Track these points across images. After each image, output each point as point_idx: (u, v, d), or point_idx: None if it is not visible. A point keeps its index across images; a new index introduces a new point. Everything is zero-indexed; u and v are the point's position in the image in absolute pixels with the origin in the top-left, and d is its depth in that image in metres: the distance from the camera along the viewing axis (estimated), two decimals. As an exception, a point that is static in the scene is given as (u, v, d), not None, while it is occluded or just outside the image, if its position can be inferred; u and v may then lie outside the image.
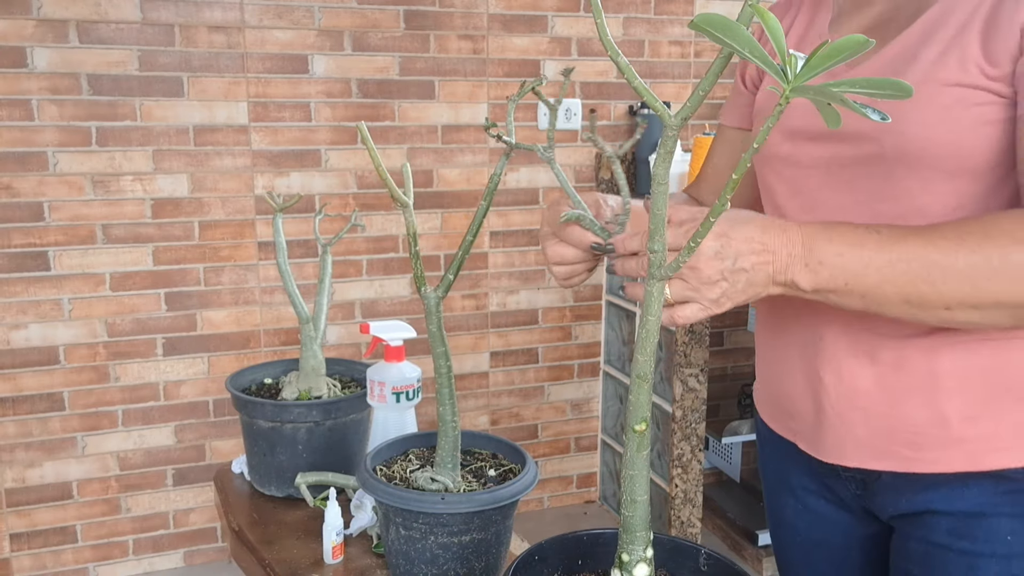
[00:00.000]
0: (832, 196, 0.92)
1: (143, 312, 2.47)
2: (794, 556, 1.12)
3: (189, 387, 2.55)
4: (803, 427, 0.99)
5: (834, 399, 0.93)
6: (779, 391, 1.03)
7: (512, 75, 2.67)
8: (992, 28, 0.80)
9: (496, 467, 1.19)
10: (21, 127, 2.29)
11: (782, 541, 1.14)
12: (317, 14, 2.46)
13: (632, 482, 0.79)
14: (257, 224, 2.53)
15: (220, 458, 2.60)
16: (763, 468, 1.17)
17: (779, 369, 1.03)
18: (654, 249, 0.71)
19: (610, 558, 0.87)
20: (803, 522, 1.08)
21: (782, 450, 1.07)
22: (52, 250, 2.37)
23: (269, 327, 2.59)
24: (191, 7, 2.36)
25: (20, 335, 2.38)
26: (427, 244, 2.69)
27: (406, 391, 1.36)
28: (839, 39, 0.55)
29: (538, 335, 2.89)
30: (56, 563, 2.52)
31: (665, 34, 2.81)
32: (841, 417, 0.93)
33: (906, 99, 0.55)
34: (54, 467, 2.47)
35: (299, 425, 1.41)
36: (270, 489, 1.46)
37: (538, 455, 2.97)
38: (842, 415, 0.93)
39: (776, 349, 1.04)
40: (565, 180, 0.97)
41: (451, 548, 1.08)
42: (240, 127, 2.46)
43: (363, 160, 2.59)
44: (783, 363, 1.02)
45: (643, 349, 0.74)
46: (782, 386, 1.02)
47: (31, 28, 2.25)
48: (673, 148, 0.66)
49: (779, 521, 1.13)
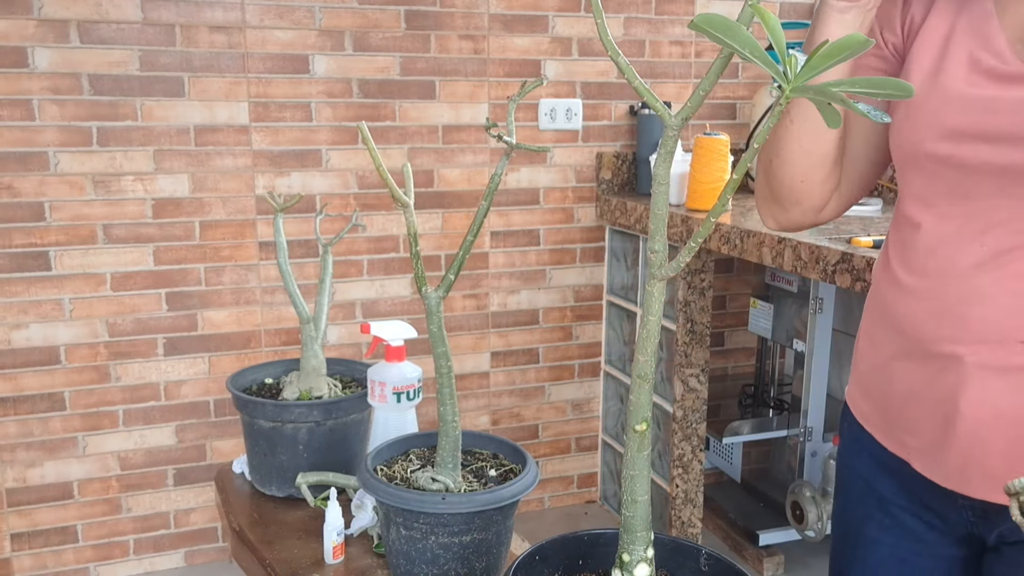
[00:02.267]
0: (1008, 203, 0.85)
1: (144, 312, 2.47)
2: (859, 564, 1.06)
3: (190, 387, 2.56)
4: (922, 446, 0.93)
5: (970, 426, 0.86)
6: (893, 405, 0.97)
7: (513, 75, 2.67)
8: None
9: (497, 467, 1.19)
10: (22, 127, 2.29)
11: (852, 553, 1.07)
12: (318, 14, 2.47)
13: (633, 482, 0.79)
14: (258, 224, 2.53)
15: (221, 458, 2.60)
16: (845, 471, 1.09)
17: (895, 383, 0.96)
18: (654, 249, 0.71)
19: (611, 558, 0.87)
20: (890, 537, 1.02)
21: (880, 460, 1.01)
22: (53, 250, 2.37)
23: (270, 327, 2.60)
24: (192, 7, 2.36)
25: (21, 335, 2.38)
26: (428, 244, 2.69)
27: (407, 391, 1.36)
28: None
29: (539, 335, 2.89)
30: (57, 563, 2.52)
31: (666, 34, 2.81)
32: (974, 446, 0.87)
33: (909, 99, 0.55)
34: (55, 467, 2.47)
35: (300, 425, 1.41)
36: (271, 489, 1.46)
37: (539, 455, 2.97)
38: (976, 444, 0.87)
39: (892, 361, 0.97)
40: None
41: (452, 548, 1.08)
42: (241, 127, 2.46)
43: (364, 160, 2.59)
44: (902, 378, 0.95)
45: (644, 349, 0.74)
46: (899, 401, 0.96)
47: (32, 28, 2.25)
48: (674, 148, 0.66)
49: (856, 532, 1.06)
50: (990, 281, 0.85)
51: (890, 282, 0.97)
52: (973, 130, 0.85)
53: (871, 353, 1.01)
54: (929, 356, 0.90)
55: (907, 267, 0.94)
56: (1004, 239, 0.85)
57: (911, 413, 0.94)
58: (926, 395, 0.91)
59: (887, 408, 0.98)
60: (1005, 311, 0.84)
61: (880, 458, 1.00)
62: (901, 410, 0.95)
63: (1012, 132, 0.82)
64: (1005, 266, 0.85)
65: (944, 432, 0.89)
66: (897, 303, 0.95)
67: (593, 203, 2.85)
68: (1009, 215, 0.85)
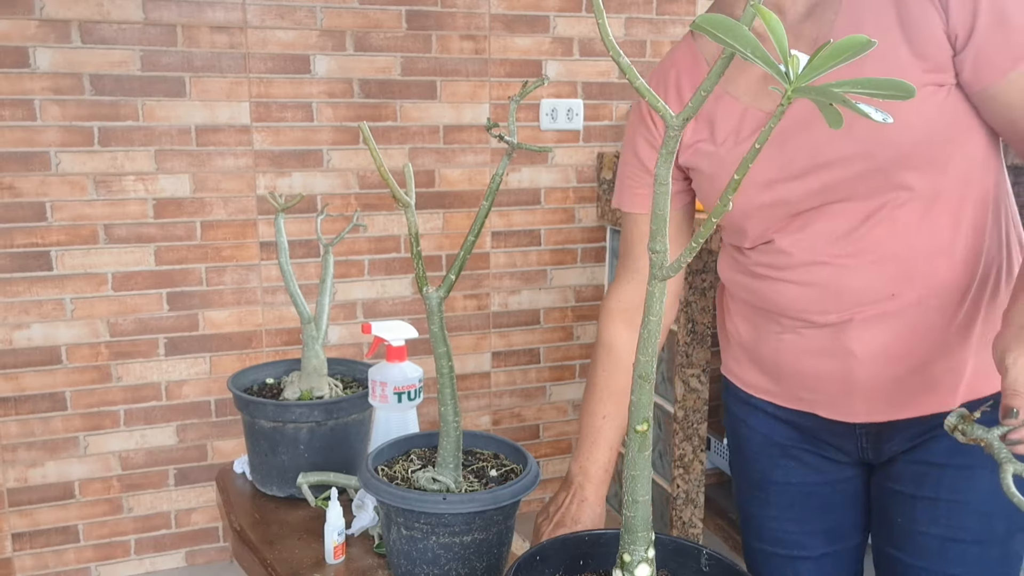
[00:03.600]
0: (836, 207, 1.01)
1: (145, 312, 2.47)
2: (774, 507, 1.22)
3: (191, 387, 2.56)
4: (827, 397, 1.09)
5: (867, 367, 1.04)
6: (787, 372, 1.12)
7: (514, 75, 2.67)
8: (912, 31, 0.93)
9: (498, 467, 1.19)
10: (24, 127, 2.29)
11: (764, 497, 1.23)
12: (319, 14, 2.47)
13: (634, 482, 0.79)
14: (259, 224, 2.53)
15: (222, 458, 2.60)
16: (742, 430, 1.25)
17: (786, 353, 1.11)
18: (655, 249, 0.71)
19: (612, 558, 0.87)
20: (795, 477, 1.19)
21: (775, 416, 1.18)
22: (54, 250, 2.37)
23: (271, 327, 2.60)
24: (193, 7, 2.36)
25: (22, 335, 2.38)
26: (429, 244, 2.69)
27: (408, 391, 1.36)
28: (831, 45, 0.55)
29: (540, 335, 2.89)
30: (58, 563, 2.52)
31: (667, 34, 2.81)
32: (872, 382, 1.04)
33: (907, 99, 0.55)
34: (56, 467, 2.47)
35: (301, 425, 1.41)
36: (272, 489, 1.46)
37: (540, 455, 2.97)
38: (873, 380, 1.04)
39: (780, 336, 1.12)
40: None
41: (453, 548, 1.08)
42: (242, 127, 2.47)
43: (365, 160, 2.59)
44: (793, 348, 1.10)
45: (645, 349, 0.75)
46: (794, 366, 1.11)
47: (33, 28, 2.25)
48: (675, 148, 0.66)
49: (764, 479, 1.22)
50: (851, 262, 1.01)
51: (754, 276, 1.12)
52: (786, 174, 1.01)
53: (753, 334, 1.16)
54: (816, 326, 1.06)
55: (769, 266, 1.08)
56: (848, 224, 1.01)
57: (810, 372, 1.09)
58: (822, 355, 1.07)
59: (780, 375, 1.14)
60: (870, 280, 1.01)
61: (775, 415, 1.18)
62: (798, 373, 1.11)
63: (817, 161, 0.99)
64: (857, 242, 1.00)
65: (846, 379, 1.06)
66: (771, 291, 1.09)
67: (594, 203, 2.85)
68: (842, 211, 1.01)
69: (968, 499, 1.05)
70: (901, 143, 0.95)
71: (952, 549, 1.06)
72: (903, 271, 1.00)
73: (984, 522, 1.04)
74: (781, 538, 1.23)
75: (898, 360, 1.03)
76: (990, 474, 1.00)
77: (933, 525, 1.07)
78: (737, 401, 1.24)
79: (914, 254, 1.00)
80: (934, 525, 1.07)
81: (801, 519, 1.21)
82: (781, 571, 1.24)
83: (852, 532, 1.21)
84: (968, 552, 1.05)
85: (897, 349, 1.03)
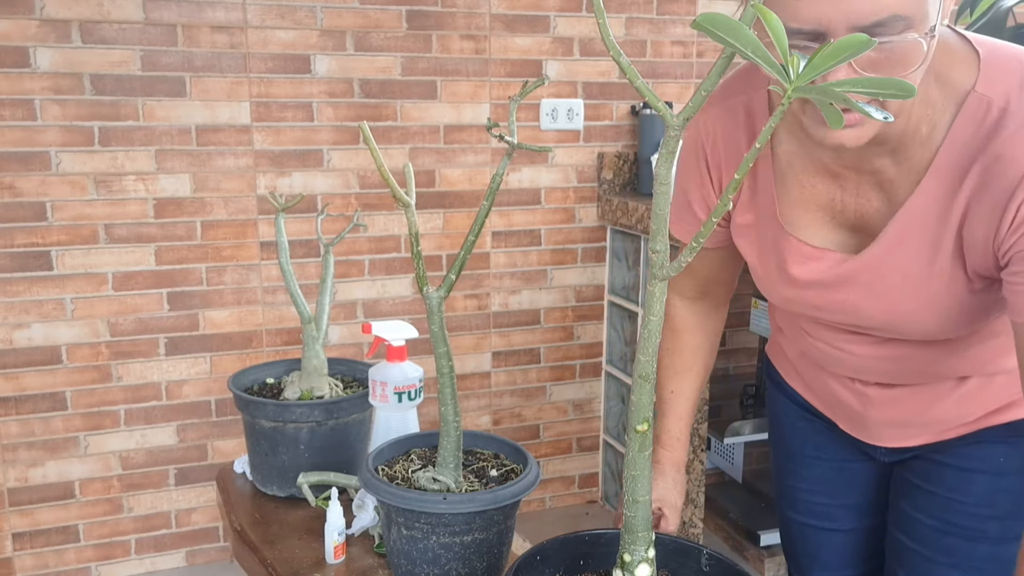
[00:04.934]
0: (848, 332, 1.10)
1: (145, 312, 2.47)
2: (806, 480, 1.29)
3: (191, 387, 2.56)
4: (843, 417, 1.19)
5: (878, 407, 1.12)
6: (817, 385, 1.21)
7: (514, 75, 2.67)
8: (970, 251, 0.90)
9: (498, 467, 1.19)
10: (24, 127, 2.29)
11: (797, 471, 1.31)
12: (319, 14, 2.47)
13: (634, 482, 0.79)
14: (259, 224, 2.53)
15: (222, 458, 2.60)
16: (778, 406, 1.33)
17: (814, 372, 1.20)
18: (656, 249, 0.71)
19: (612, 558, 0.87)
20: (826, 454, 1.27)
21: (805, 407, 1.26)
22: (55, 250, 2.37)
23: (271, 327, 2.60)
24: (193, 7, 2.36)
25: (23, 335, 2.38)
26: (429, 244, 2.69)
27: (408, 391, 1.36)
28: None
29: (540, 335, 2.89)
30: (58, 563, 2.52)
31: (667, 34, 2.81)
32: (882, 421, 1.13)
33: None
34: (56, 466, 2.47)
35: (301, 425, 1.41)
36: (272, 489, 1.46)
37: (540, 455, 2.97)
38: (883, 420, 1.13)
39: (812, 366, 1.20)
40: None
41: (453, 548, 1.08)
42: (242, 127, 2.46)
43: (365, 160, 2.59)
44: (820, 370, 1.19)
45: (645, 349, 0.75)
46: (824, 390, 1.20)
47: (34, 28, 2.25)
48: (675, 148, 0.66)
49: (798, 453, 1.30)
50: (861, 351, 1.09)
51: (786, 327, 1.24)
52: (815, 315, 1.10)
53: (790, 341, 1.24)
54: (830, 372, 1.17)
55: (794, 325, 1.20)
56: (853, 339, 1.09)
57: (831, 394, 1.18)
58: (842, 384, 1.16)
59: (810, 387, 1.23)
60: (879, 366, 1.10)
61: (804, 406, 1.26)
62: (823, 390, 1.20)
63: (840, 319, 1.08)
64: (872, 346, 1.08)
65: (861, 417, 1.16)
66: (797, 335, 1.19)
67: (594, 203, 2.85)
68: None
69: (964, 499, 1.11)
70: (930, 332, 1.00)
71: (943, 540, 1.13)
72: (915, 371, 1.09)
73: (977, 523, 1.09)
74: (813, 510, 1.29)
75: (909, 413, 1.12)
76: (989, 479, 1.08)
77: (930, 516, 1.14)
78: (776, 381, 1.32)
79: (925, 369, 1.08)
80: (931, 516, 1.14)
81: (832, 493, 1.27)
82: (814, 541, 1.30)
83: (876, 511, 1.26)
84: (959, 547, 1.11)
85: (908, 407, 1.11)
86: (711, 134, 1.05)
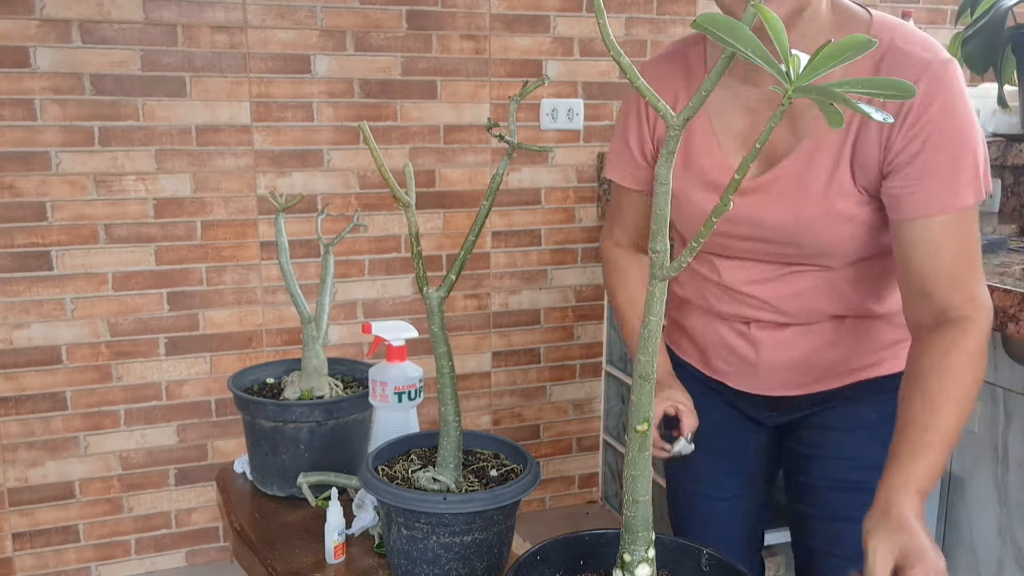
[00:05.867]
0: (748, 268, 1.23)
1: (145, 312, 2.47)
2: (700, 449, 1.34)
3: (191, 387, 2.56)
4: (733, 372, 1.31)
5: (767, 350, 1.25)
6: (714, 345, 1.32)
7: (514, 75, 2.67)
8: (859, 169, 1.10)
9: (498, 467, 1.19)
10: (24, 127, 2.29)
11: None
12: (319, 14, 2.47)
13: (634, 482, 0.79)
14: (259, 224, 2.53)
15: (222, 458, 2.60)
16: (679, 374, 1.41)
17: (708, 335, 1.32)
18: (656, 249, 0.71)
19: (612, 558, 0.87)
20: (717, 415, 1.35)
21: (698, 378, 1.36)
22: (55, 250, 2.37)
23: (271, 327, 2.60)
24: (194, 7, 2.36)
25: (23, 335, 2.38)
26: (429, 244, 2.69)
27: (408, 391, 1.36)
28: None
29: (540, 335, 2.89)
30: (58, 562, 2.52)
31: (668, 34, 2.81)
32: (771, 365, 1.26)
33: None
34: (56, 466, 2.47)
35: (301, 425, 1.41)
36: (272, 489, 1.46)
37: (540, 455, 2.97)
38: (772, 364, 1.26)
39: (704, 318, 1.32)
40: None
41: (453, 548, 1.08)
42: (242, 127, 2.46)
43: (365, 160, 2.59)
44: (710, 331, 1.31)
45: (645, 349, 0.75)
46: (712, 345, 1.32)
47: (34, 28, 2.25)
48: (675, 148, 0.66)
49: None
50: (759, 291, 1.22)
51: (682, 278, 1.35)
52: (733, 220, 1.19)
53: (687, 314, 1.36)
54: (725, 319, 1.28)
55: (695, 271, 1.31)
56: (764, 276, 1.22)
57: (722, 352, 1.30)
58: (732, 342, 1.28)
59: (704, 348, 1.34)
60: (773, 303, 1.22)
61: (701, 379, 1.36)
62: (715, 350, 1.31)
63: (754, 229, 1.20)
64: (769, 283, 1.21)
65: (752, 364, 1.27)
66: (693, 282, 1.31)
67: (595, 203, 2.85)
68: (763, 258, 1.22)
69: (852, 455, 1.27)
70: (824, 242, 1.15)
71: (838, 497, 1.28)
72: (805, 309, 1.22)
73: (866, 474, 1.16)
74: (704, 479, 1.40)
75: (795, 357, 1.25)
76: (866, 434, 1.25)
77: (822, 478, 1.29)
78: (678, 364, 1.41)
79: (813, 306, 1.21)
80: (823, 478, 1.29)
81: (723, 463, 1.39)
82: (704, 509, 1.41)
83: (759, 477, 1.42)
84: (851, 500, 1.22)
85: (794, 351, 1.24)
86: (652, 84, 1.21)
